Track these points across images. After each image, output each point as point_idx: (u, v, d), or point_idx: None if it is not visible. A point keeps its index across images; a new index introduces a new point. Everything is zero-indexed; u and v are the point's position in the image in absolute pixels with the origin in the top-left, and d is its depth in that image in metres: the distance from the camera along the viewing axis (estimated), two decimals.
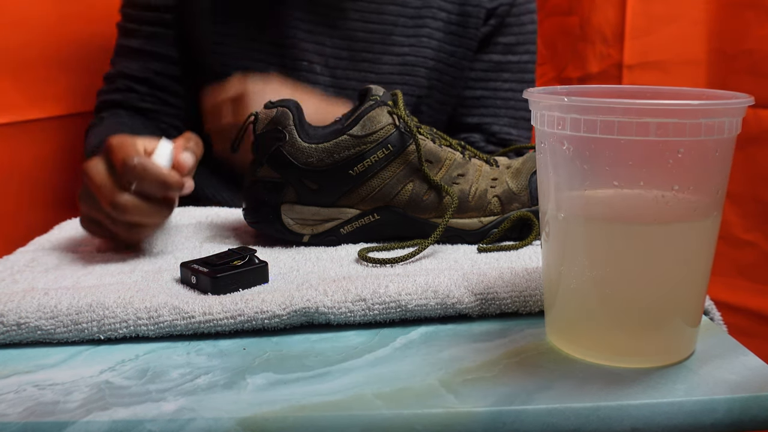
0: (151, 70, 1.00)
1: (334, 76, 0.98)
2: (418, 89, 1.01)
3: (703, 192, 0.47)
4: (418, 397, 0.45)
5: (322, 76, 0.97)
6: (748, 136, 1.14)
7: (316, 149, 0.68)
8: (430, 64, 1.01)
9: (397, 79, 0.99)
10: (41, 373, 0.49)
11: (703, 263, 0.49)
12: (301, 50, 0.96)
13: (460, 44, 1.02)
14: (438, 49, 1.01)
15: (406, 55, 0.99)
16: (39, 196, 1.04)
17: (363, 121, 0.68)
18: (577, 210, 0.48)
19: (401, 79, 1.00)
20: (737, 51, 1.16)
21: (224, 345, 0.53)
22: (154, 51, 0.99)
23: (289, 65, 0.96)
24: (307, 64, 0.97)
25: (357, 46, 0.98)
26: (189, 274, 0.59)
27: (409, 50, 0.99)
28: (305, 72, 0.97)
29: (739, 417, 0.45)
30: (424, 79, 1.01)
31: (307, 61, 0.97)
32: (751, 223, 1.18)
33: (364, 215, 0.70)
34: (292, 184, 0.69)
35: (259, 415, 0.43)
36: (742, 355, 0.50)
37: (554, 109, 0.47)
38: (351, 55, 0.98)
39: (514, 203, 0.71)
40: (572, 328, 0.51)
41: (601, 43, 1.26)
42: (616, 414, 0.44)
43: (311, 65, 0.97)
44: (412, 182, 0.70)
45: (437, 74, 1.01)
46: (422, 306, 0.55)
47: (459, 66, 1.03)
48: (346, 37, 0.97)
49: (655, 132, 0.44)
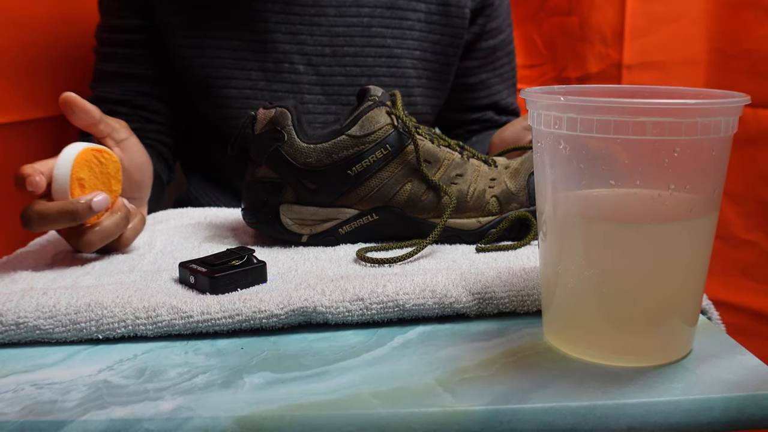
0: (132, 92, 0.98)
1: (318, 73, 0.98)
2: (406, 80, 1.02)
3: (700, 191, 0.47)
4: (415, 396, 0.45)
5: (306, 75, 0.97)
6: (748, 136, 1.14)
7: (314, 149, 0.68)
8: (416, 54, 1.01)
9: (384, 72, 1.00)
10: (39, 373, 0.49)
11: (701, 263, 0.49)
12: (283, 52, 0.96)
13: (444, 32, 1.03)
14: (422, 39, 1.02)
15: (391, 47, 1.00)
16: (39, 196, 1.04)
17: (361, 122, 0.68)
18: (574, 209, 0.48)
19: (388, 71, 1.00)
20: (737, 51, 1.16)
21: (222, 344, 0.53)
22: (132, 73, 0.98)
23: (271, 68, 0.96)
24: (289, 65, 0.97)
25: (338, 41, 0.98)
26: (187, 273, 0.59)
27: (393, 42, 1.00)
28: (287, 73, 0.97)
29: (736, 416, 0.45)
30: (411, 69, 1.01)
31: (289, 63, 0.96)
32: (752, 223, 1.18)
33: (363, 215, 0.71)
34: (290, 185, 0.70)
35: (256, 413, 0.43)
36: (739, 354, 0.50)
37: (551, 109, 0.47)
38: (333, 51, 0.98)
39: (512, 203, 0.71)
40: (569, 327, 0.51)
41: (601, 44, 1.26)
42: (612, 413, 0.44)
43: (293, 66, 0.97)
44: (411, 182, 0.70)
45: (424, 63, 1.03)
46: (420, 305, 0.56)
47: (446, 53, 1.04)
48: (325, 33, 0.97)
49: (651, 131, 0.44)
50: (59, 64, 1.06)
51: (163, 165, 1.01)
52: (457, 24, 1.03)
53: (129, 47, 0.98)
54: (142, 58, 0.98)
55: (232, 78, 0.95)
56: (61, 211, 0.63)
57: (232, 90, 0.96)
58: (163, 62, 0.98)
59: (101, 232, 0.66)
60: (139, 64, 0.98)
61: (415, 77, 1.02)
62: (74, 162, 0.65)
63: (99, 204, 0.64)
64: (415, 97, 1.03)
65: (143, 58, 0.98)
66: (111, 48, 0.99)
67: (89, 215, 0.64)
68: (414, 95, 1.03)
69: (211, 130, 1.03)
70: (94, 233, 0.65)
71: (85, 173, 0.66)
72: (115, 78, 0.99)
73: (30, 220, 0.64)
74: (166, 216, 0.83)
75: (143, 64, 0.98)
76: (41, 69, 1.02)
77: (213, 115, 0.99)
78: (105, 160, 0.67)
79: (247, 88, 0.96)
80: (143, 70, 0.98)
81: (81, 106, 0.69)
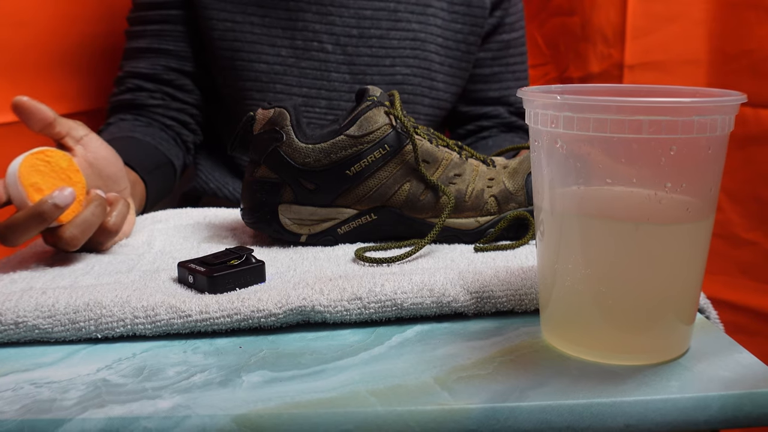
0: (159, 66, 1.02)
1: (345, 53, 1.03)
2: (430, 63, 1.07)
3: (697, 190, 0.47)
4: (413, 394, 0.45)
5: (333, 54, 1.02)
6: (748, 136, 1.14)
7: (313, 149, 0.69)
8: (440, 41, 1.07)
9: (408, 54, 1.05)
10: (38, 372, 0.49)
11: (697, 261, 0.49)
12: (312, 31, 1.01)
13: (465, 21, 1.09)
14: (445, 27, 1.07)
15: (416, 31, 1.05)
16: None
17: (360, 122, 0.69)
18: (571, 208, 0.48)
19: (412, 53, 1.05)
20: (738, 51, 1.16)
21: (221, 343, 0.53)
22: (161, 48, 1.02)
23: (300, 46, 1.01)
24: (318, 44, 1.01)
25: (365, 23, 1.03)
26: (186, 273, 0.59)
27: (418, 26, 1.05)
28: (316, 51, 1.01)
29: (733, 414, 0.45)
30: (434, 54, 1.07)
31: (318, 42, 1.01)
32: (752, 223, 1.18)
33: (361, 215, 0.71)
34: (289, 184, 0.70)
35: (253, 412, 0.43)
36: (736, 352, 0.50)
37: (548, 108, 0.47)
38: (360, 32, 1.02)
39: (511, 203, 0.71)
40: (567, 325, 0.51)
41: (602, 44, 1.26)
42: (609, 411, 0.44)
43: (322, 45, 1.01)
44: (409, 182, 0.70)
45: (446, 50, 1.08)
46: (418, 305, 0.56)
47: (467, 41, 1.09)
48: (353, 15, 1.02)
49: (647, 130, 0.44)
50: (59, 64, 1.07)
51: (178, 149, 1.03)
52: (477, 14, 1.09)
53: (161, 23, 1.02)
54: (174, 34, 1.02)
55: (262, 53, 1.00)
56: (29, 217, 0.62)
57: (262, 65, 1.00)
58: (194, 40, 1.03)
59: (80, 224, 0.64)
60: (169, 40, 1.02)
61: (438, 62, 1.07)
62: (19, 172, 0.63)
63: (63, 197, 0.62)
64: (438, 82, 1.08)
65: (174, 34, 1.02)
66: (143, 26, 1.03)
67: (58, 212, 0.62)
68: (437, 80, 1.08)
69: (226, 117, 1.07)
70: (74, 227, 0.64)
71: (37, 177, 0.64)
72: (144, 53, 1.03)
73: (3, 236, 0.63)
74: (165, 216, 0.84)
75: (173, 40, 1.02)
76: (41, 69, 1.03)
77: (237, 94, 1.02)
78: (51, 158, 0.66)
79: (277, 63, 1.01)
80: (172, 46, 1.02)
81: (33, 107, 0.68)
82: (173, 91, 1.03)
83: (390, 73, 1.05)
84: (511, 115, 1.17)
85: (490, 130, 1.16)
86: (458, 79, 1.11)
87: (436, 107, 1.09)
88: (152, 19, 1.02)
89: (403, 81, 1.05)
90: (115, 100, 1.04)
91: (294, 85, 1.01)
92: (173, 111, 1.03)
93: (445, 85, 1.09)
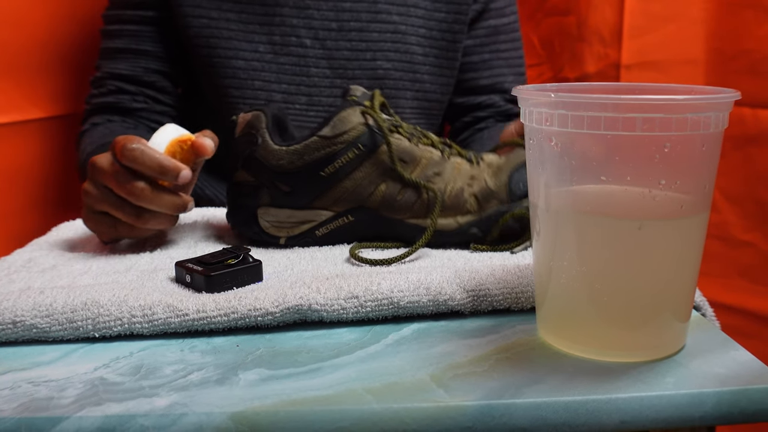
0: (139, 68, 1.01)
1: (324, 47, 1.00)
2: (411, 56, 1.04)
3: (691, 187, 0.47)
4: (409, 391, 0.45)
5: (312, 49, 1.00)
6: (748, 136, 1.14)
7: (286, 151, 0.68)
8: (422, 32, 1.04)
9: (389, 47, 1.02)
10: (36, 370, 0.49)
11: (692, 258, 0.49)
12: (290, 26, 0.99)
13: (449, 10, 1.06)
14: (427, 17, 1.04)
15: (396, 23, 1.02)
16: (38, 196, 1.05)
17: (333, 122, 0.68)
18: (566, 206, 0.48)
19: (393, 46, 1.03)
20: (736, 51, 1.16)
21: (218, 342, 0.53)
22: (140, 49, 1.01)
23: (278, 41, 0.99)
24: (296, 39, 0.99)
25: (344, 15, 1.00)
26: (183, 272, 0.60)
27: (399, 18, 1.02)
28: (294, 47, 0.99)
29: (728, 410, 0.45)
30: (417, 46, 1.04)
31: (296, 36, 0.99)
32: (751, 224, 1.18)
33: (339, 216, 0.70)
34: (266, 187, 0.70)
35: (250, 409, 0.43)
36: (732, 349, 0.51)
37: (542, 106, 0.47)
38: (339, 26, 1.00)
39: (491, 200, 0.70)
40: (562, 322, 0.51)
41: (599, 43, 1.26)
42: (604, 407, 0.44)
43: (300, 39, 0.99)
44: (385, 182, 0.69)
45: (430, 41, 1.05)
46: (414, 303, 0.56)
47: (452, 30, 1.06)
48: (332, 8, 1.00)
49: (641, 127, 0.44)
50: (59, 64, 1.07)
51: None
52: (461, 0, 1.06)
53: (138, 23, 1.00)
54: (152, 35, 1.01)
55: (240, 50, 0.98)
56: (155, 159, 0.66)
57: (240, 61, 0.98)
58: (172, 40, 1.01)
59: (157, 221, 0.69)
60: (148, 41, 1.01)
61: (421, 54, 1.05)
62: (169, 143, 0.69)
63: (184, 175, 0.67)
64: (423, 75, 1.05)
65: (152, 35, 1.01)
66: (120, 25, 1.01)
67: (172, 178, 0.66)
68: (421, 72, 1.05)
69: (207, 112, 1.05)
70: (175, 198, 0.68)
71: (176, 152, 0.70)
72: (124, 55, 1.01)
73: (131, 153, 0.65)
74: None
75: (152, 41, 1.01)
76: (41, 69, 1.03)
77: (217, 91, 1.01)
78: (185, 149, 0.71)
79: (254, 60, 0.99)
80: (151, 47, 1.01)
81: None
82: (155, 93, 1.02)
83: (371, 67, 1.02)
84: (507, 103, 1.14)
85: (487, 120, 1.13)
86: (446, 69, 1.08)
87: (422, 99, 1.07)
88: (129, 19, 1.00)
89: (385, 75, 1.03)
90: (97, 102, 1.02)
91: (273, 81, 1.00)
92: (156, 114, 1.02)
93: (430, 77, 1.06)
